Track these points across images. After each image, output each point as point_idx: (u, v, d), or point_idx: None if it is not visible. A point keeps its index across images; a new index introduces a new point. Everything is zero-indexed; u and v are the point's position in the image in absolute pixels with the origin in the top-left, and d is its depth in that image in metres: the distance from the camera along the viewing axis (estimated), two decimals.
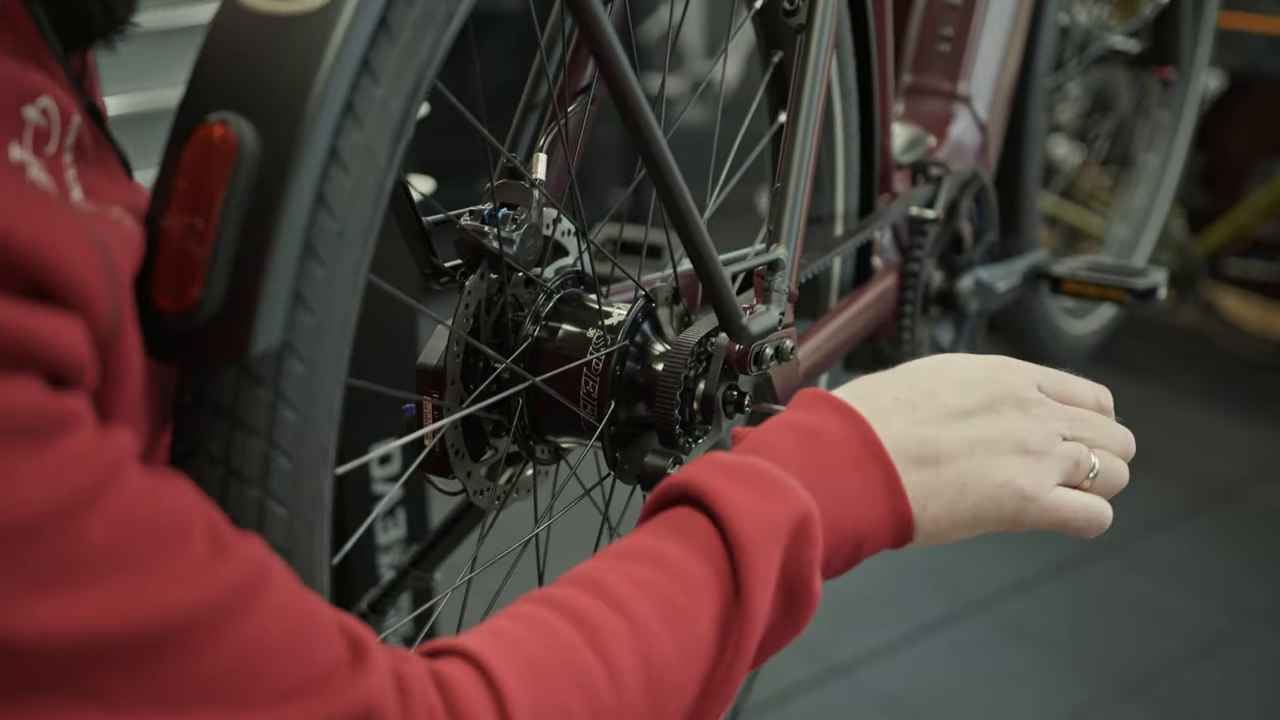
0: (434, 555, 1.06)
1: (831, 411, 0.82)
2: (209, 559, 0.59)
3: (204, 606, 0.57)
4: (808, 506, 0.76)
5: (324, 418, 0.67)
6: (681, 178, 0.85)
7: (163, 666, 0.56)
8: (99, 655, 0.55)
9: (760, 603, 0.74)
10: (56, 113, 0.64)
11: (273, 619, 0.60)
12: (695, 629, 0.72)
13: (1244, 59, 3.20)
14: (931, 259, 1.27)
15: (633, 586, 0.72)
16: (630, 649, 0.70)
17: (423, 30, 0.68)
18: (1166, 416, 3.38)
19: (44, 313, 0.55)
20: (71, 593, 0.54)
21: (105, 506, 0.56)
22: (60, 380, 0.56)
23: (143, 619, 0.55)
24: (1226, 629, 2.74)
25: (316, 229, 0.64)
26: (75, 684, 0.54)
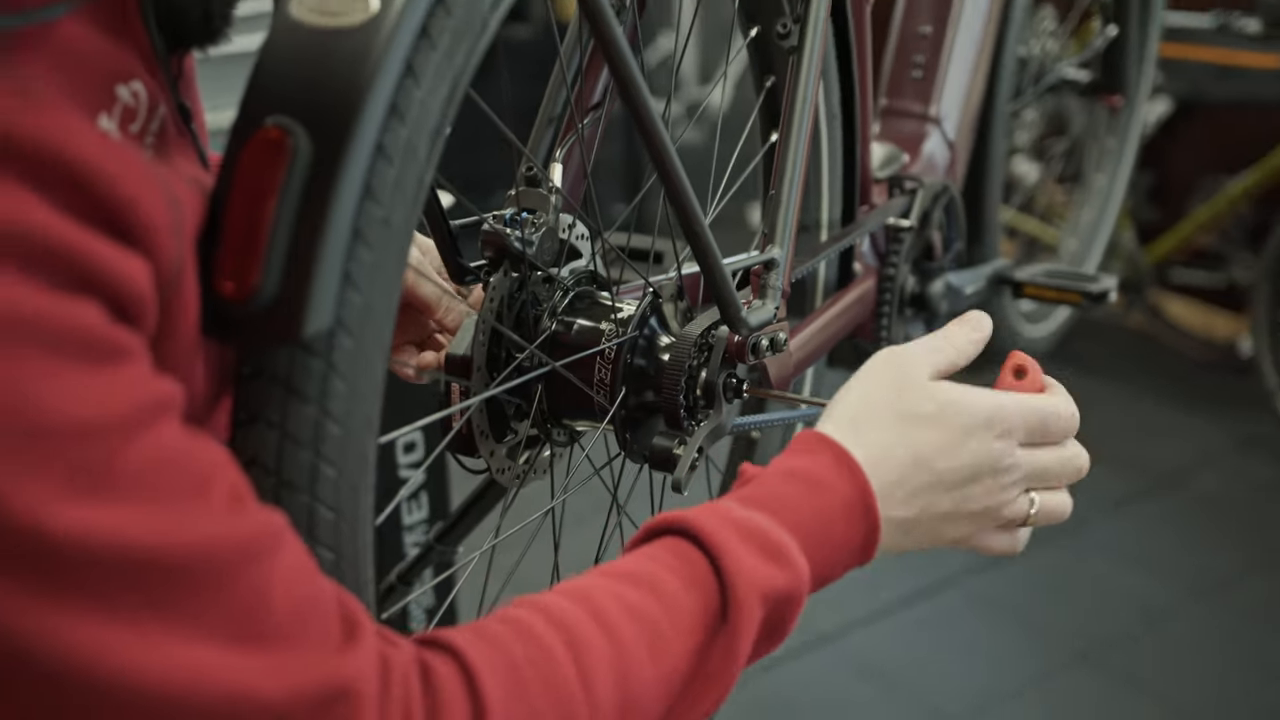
0: (457, 531, 1.06)
1: (832, 461, 0.80)
2: (227, 511, 0.59)
3: (214, 550, 0.58)
4: (802, 577, 0.76)
5: (370, 388, 0.68)
6: (689, 184, 0.85)
7: (171, 592, 0.56)
8: (117, 567, 0.55)
9: (742, 647, 0.73)
10: (145, 98, 0.65)
11: (277, 580, 0.60)
12: (674, 659, 0.71)
13: (1188, 85, 3.21)
14: (906, 264, 1.28)
15: (624, 610, 0.71)
16: (609, 669, 0.69)
17: (459, 38, 0.68)
18: (1116, 410, 3.39)
19: (114, 246, 0.56)
20: (100, 505, 0.54)
21: (142, 439, 0.56)
22: (122, 314, 0.57)
23: (160, 545, 0.56)
24: (1171, 602, 2.74)
25: (364, 216, 0.64)
26: (93, 590, 0.54)
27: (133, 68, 0.65)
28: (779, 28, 1.07)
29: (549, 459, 1.00)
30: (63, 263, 0.54)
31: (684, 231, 0.87)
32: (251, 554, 0.59)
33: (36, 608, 0.54)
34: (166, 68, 0.69)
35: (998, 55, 1.46)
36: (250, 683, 0.58)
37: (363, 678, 0.61)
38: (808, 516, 0.78)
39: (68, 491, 0.53)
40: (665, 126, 0.83)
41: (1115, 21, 1.67)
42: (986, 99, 1.46)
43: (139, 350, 0.58)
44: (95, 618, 0.55)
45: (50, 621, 0.54)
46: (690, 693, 0.72)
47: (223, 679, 0.57)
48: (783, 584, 0.75)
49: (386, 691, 0.62)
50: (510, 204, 0.94)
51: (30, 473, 0.52)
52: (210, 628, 0.57)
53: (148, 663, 0.56)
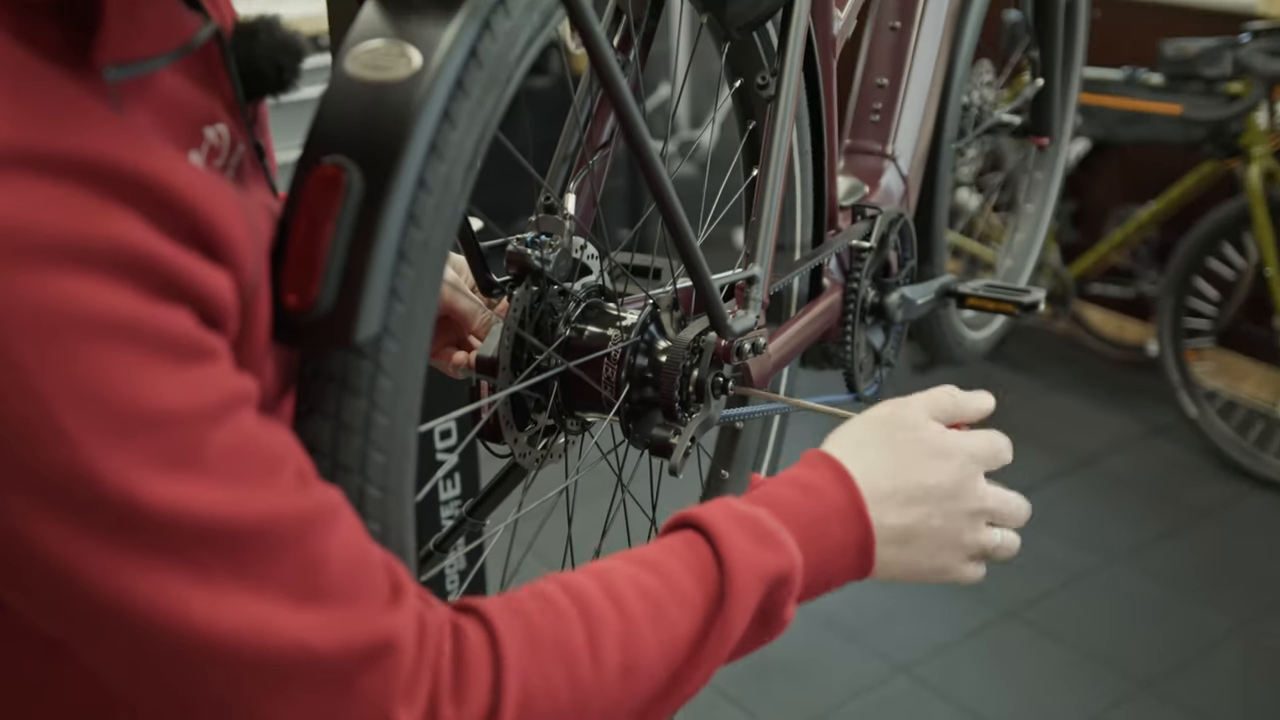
0: (485, 506, 1.06)
1: (832, 476, 0.80)
2: (295, 488, 0.59)
3: (283, 521, 0.58)
4: (794, 561, 0.75)
5: (412, 384, 0.67)
6: (683, 212, 0.85)
7: (244, 556, 0.56)
8: (202, 534, 0.55)
9: (736, 626, 0.73)
10: (227, 138, 0.65)
11: (335, 546, 0.60)
12: (675, 634, 0.71)
13: (1103, 128, 3.21)
14: (867, 279, 1.28)
15: (634, 589, 0.70)
16: (617, 640, 0.68)
17: (488, 88, 0.68)
18: (1044, 402, 3.39)
19: (203, 262, 0.56)
20: (190, 482, 0.54)
21: (224, 426, 0.56)
22: (209, 320, 0.57)
23: (236, 516, 0.56)
24: (1088, 566, 2.75)
25: (408, 240, 0.64)
26: (181, 553, 0.55)
27: (218, 112, 0.66)
28: (759, 80, 1.07)
29: (563, 445, 1.00)
30: (161, 277, 0.54)
31: (679, 251, 0.87)
32: (312, 525, 0.59)
33: (130, 567, 0.54)
34: (245, 113, 0.69)
35: (944, 102, 1.46)
36: (306, 637, 0.58)
37: (403, 634, 0.61)
38: (802, 514, 0.78)
39: (160, 469, 0.53)
40: (662, 163, 0.82)
41: (1042, 75, 1.67)
42: (934, 139, 1.46)
43: (223, 351, 0.58)
44: (180, 576, 0.55)
45: (141, 579, 0.54)
46: (689, 663, 0.72)
47: (284, 632, 0.57)
48: (774, 566, 0.74)
49: (422, 647, 0.62)
50: (531, 228, 0.94)
51: (128, 452, 0.52)
52: (276, 587, 0.57)
53: (222, 616, 0.56)
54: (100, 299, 0.51)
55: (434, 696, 0.62)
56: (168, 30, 0.61)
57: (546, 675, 0.66)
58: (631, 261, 1.05)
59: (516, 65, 0.71)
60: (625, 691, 0.69)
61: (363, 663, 0.59)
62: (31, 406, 0.50)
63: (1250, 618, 2.60)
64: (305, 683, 0.58)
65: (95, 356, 0.51)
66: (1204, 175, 3.17)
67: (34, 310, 0.50)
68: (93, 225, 0.52)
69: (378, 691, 0.60)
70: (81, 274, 0.51)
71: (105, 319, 0.52)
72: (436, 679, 0.62)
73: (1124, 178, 3.51)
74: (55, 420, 0.51)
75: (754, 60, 1.07)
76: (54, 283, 0.50)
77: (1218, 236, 3.07)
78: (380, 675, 0.60)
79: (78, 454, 0.51)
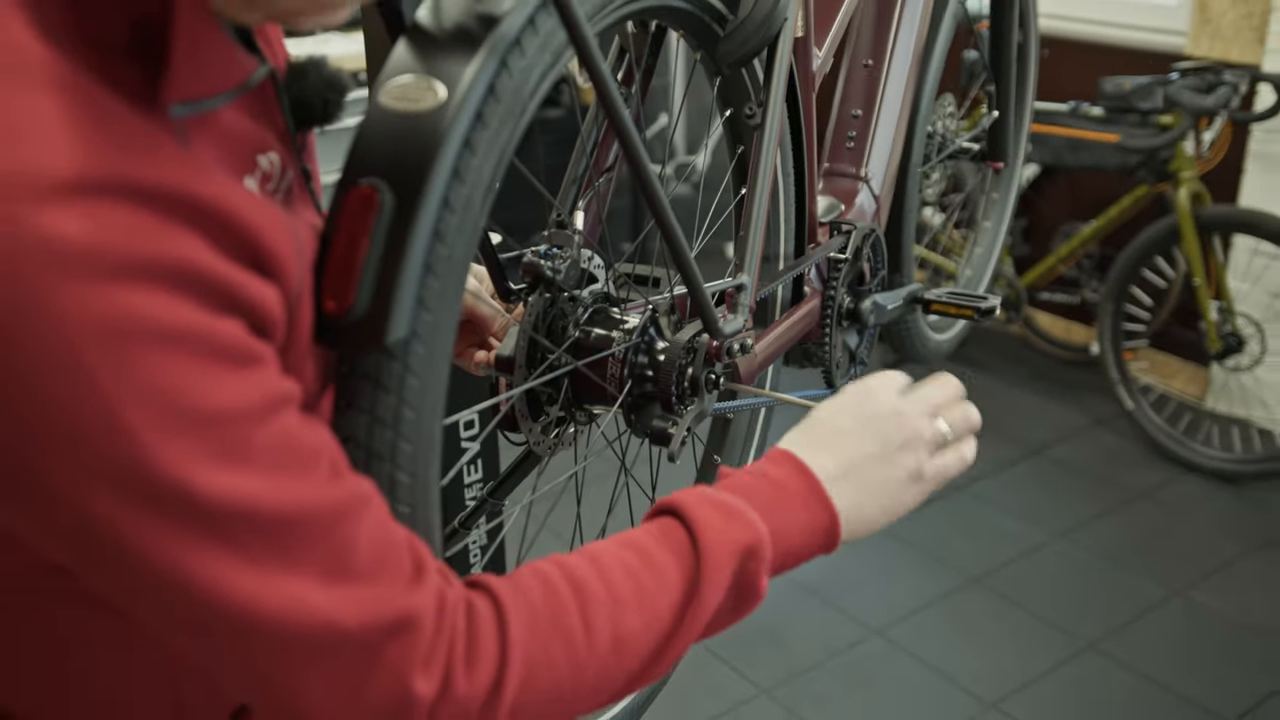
0: (504, 488, 1.06)
1: (793, 469, 0.80)
2: (329, 480, 0.59)
3: (318, 509, 0.58)
4: (760, 534, 0.74)
5: (438, 382, 0.67)
6: (679, 227, 0.84)
7: (285, 540, 0.56)
8: (247, 519, 0.55)
9: (712, 596, 0.72)
10: (278, 165, 0.65)
11: (364, 532, 0.60)
12: (658, 607, 0.70)
13: (1051, 154, 3.21)
14: (843, 287, 1.27)
15: (621, 569, 0.70)
16: (606, 615, 0.68)
17: (505, 119, 0.68)
18: (999, 397, 3.39)
19: (254, 277, 0.56)
20: (238, 473, 0.54)
21: (269, 425, 0.56)
22: (258, 329, 0.57)
23: (277, 503, 0.56)
24: (1039, 540, 2.75)
25: (434, 254, 0.64)
26: (228, 536, 0.54)
27: (270, 142, 0.65)
28: (747, 110, 1.06)
29: (573, 434, 0.99)
30: (218, 292, 0.54)
31: (675, 262, 0.86)
32: (344, 513, 0.59)
33: (183, 546, 0.54)
34: (294, 142, 0.69)
35: (911, 131, 1.46)
36: (336, 613, 0.58)
37: (424, 610, 0.61)
38: (768, 501, 0.77)
39: (212, 461, 0.53)
40: (660, 183, 0.82)
41: (997, 107, 1.67)
42: (903, 163, 1.45)
43: (269, 357, 0.57)
44: (226, 556, 0.55)
45: (192, 557, 0.54)
46: (672, 633, 0.71)
47: (317, 609, 0.57)
48: (742, 538, 0.74)
49: (440, 622, 0.62)
50: (544, 242, 0.93)
51: (184, 446, 0.52)
52: (310, 568, 0.57)
53: (262, 593, 0.56)
54: (164, 311, 0.51)
55: (449, 666, 0.61)
56: (227, 71, 0.61)
57: (547, 648, 0.65)
58: (633, 271, 1.04)
59: (530, 98, 0.70)
60: (616, 661, 0.68)
61: (386, 637, 0.59)
62: (100, 404, 0.50)
63: (1180, 586, 2.60)
64: (333, 654, 0.58)
65: (157, 361, 0.51)
66: (1139, 196, 3.17)
67: (105, 320, 0.50)
68: (160, 246, 0.52)
69: (399, 662, 0.59)
70: (148, 289, 0.51)
71: (167, 328, 0.52)
72: (451, 651, 0.62)
73: (1069, 198, 3.50)
74: (121, 416, 0.51)
75: (742, 93, 1.06)
76: (124, 296, 0.50)
77: (1151, 250, 3.06)
78: (401, 648, 0.60)
79: (139, 447, 0.51)
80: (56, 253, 0.49)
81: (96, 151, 0.51)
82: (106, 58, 0.54)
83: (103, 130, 0.52)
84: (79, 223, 0.49)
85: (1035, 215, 3.57)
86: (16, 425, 0.50)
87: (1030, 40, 1.76)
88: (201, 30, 0.57)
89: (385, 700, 0.59)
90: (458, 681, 0.61)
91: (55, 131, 0.50)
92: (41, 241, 0.48)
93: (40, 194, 0.49)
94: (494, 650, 0.63)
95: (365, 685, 0.59)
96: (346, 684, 0.59)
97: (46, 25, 0.52)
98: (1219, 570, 2.65)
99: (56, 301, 0.49)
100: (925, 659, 2.36)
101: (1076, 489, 2.95)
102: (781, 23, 0.96)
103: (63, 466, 0.51)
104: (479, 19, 0.67)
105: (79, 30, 0.54)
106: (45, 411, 0.50)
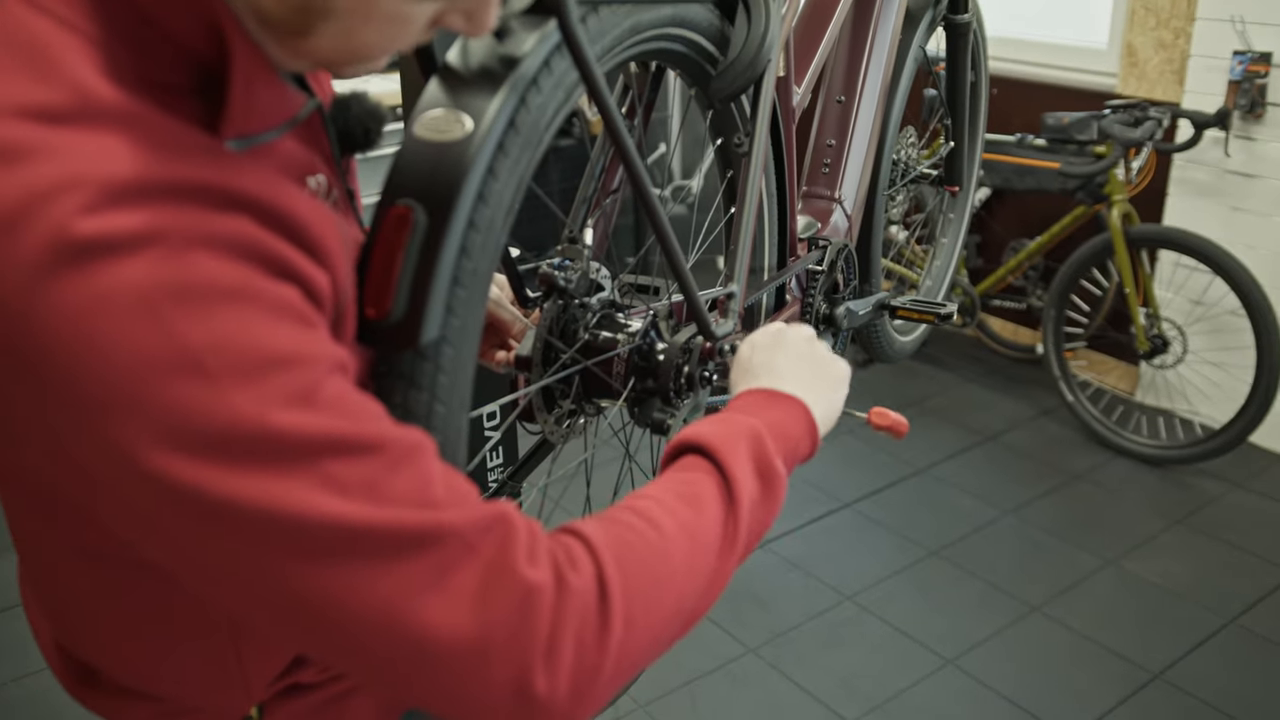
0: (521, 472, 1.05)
1: (753, 392, 0.80)
2: (396, 425, 0.56)
3: (393, 442, 0.54)
4: (754, 423, 0.74)
5: (464, 380, 0.66)
6: (676, 242, 0.84)
7: (370, 468, 0.53)
8: (328, 449, 0.51)
9: (742, 480, 0.69)
10: (326, 185, 0.65)
11: (436, 468, 0.56)
12: (710, 515, 0.67)
13: (1000, 179, 3.20)
14: (820, 295, 1.26)
15: (675, 498, 0.66)
16: (677, 530, 0.64)
17: (524, 148, 0.67)
18: (956, 391, 3.38)
19: (308, 259, 0.55)
20: (307, 412, 0.51)
21: (333, 379, 0.54)
22: (313, 300, 0.55)
23: (355, 434, 0.53)
24: (991, 517, 2.74)
25: (461, 267, 0.63)
26: (312, 468, 0.51)
27: (318, 165, 0.65)
28: (735, 140, 1.05)
29: (583, 425, 0.99)
30: (278, 263, 0.53)
31: (673, 273, 0.86)
32: (417, 449, 0.56)
33: (271, 483, 0.50)
34: (339, 165, 0.68)
35: (879, 158, 1.45)
36: (435, 518, 0.54)
37: (512, 514, 0.57)
38: (755, 407, 0.78)
39: (284, 402, 0.51)
40: (660, 204, 0.81)
41: (953, 138, 1.67)
42: (871, 187, 1.45)
43: (324, 326, 0.56)
44: (314, 486, 0.51)
45: (281, 489, 0.50)
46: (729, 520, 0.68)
47: (410, 518, 0.53)
48: (742, 430, 0.73)
49: (530, 528, 0.58)
50: (557, 255, 0.92)
51: (259, 389, 0.50)
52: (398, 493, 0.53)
53: (359, 513, 0.52)
54: (227, 271, 0.51)
55: (555, 563, 0.57)
56: (279, 109, 0.60)
57: (626, 544, 0.61)
58: (636, 281, 1.04)
59: (546, 130, 0.70)
60: (692, 548, 0.64)
61: (484, 531, 0.55)
62: (176, 352, 0.49)
63: (1113, 556, 2.59)
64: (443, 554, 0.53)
65: (225, 313, 0.50)
66: (1077, 216, 3.16)
67: (175, 282, 0.49)
68: (215, 223, 0.51)
69: (508, 555, 0.55)
70: (210, 255, 0.50)
71: (232, 286, 0.50)
72: (550, 552, 0.57)
73: (1016, 217, 3.50)
74: (198, 362, 0.49)
75: (731, 125, 1.06)
76: (189, 260, 0.49)
77: (1088, 263, 3.06)
78: (500, 541, 0.55)
79: (217, 390, 0.49)
80: (125, 233, 0.48)
81: (158, 162, 0.51)
82: (170, 97, 0.54)
83: (163, 150, 0.51)
84: (142, 213, 0.49)
85: (987, 232, 3.57)
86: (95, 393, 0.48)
87: (981, 80, 1.76)
88: (256, 74, 0.57)
89: (505, 593, 0.54)
90: (568, 576, 0.56)
91: (122, 150, 0.50)
92: (110, 228, 0.48)
93: (109, 191, 0.49)
94: (583, 552, 0.59)
95: (479, 581, 0.54)
96: (460, 584, 0.53)
97: (115, 69, 0.52)
98: (1146, 542, 2.64)
99: (127, 273, 0.48)
100: (892, 621, 2.36)
101: (1024, 471, 2.95)
102: (766, 64, 0.96)
103: (143, 426, 0.49)
104: (501, 60, 0.66)
105: (145, 74, 0.53)
106: (128, 369, 0.48)
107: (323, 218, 0.57)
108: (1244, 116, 2.89)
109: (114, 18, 0.53)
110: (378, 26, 0.56)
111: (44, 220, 0.48)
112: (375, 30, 0.56)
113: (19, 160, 0.49)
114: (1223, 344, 3.04)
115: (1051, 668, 2.22)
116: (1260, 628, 2.34)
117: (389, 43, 0.58)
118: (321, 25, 0.55)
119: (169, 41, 0.54)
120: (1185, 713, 2.10)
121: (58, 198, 0.48)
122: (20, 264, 0.48)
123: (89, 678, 0.72)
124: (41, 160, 0.49)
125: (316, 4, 0.54)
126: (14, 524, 0.66)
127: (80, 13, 0.53)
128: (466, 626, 0.53)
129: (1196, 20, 2.96)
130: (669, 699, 2.11)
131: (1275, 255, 2.92)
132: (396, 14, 0.56)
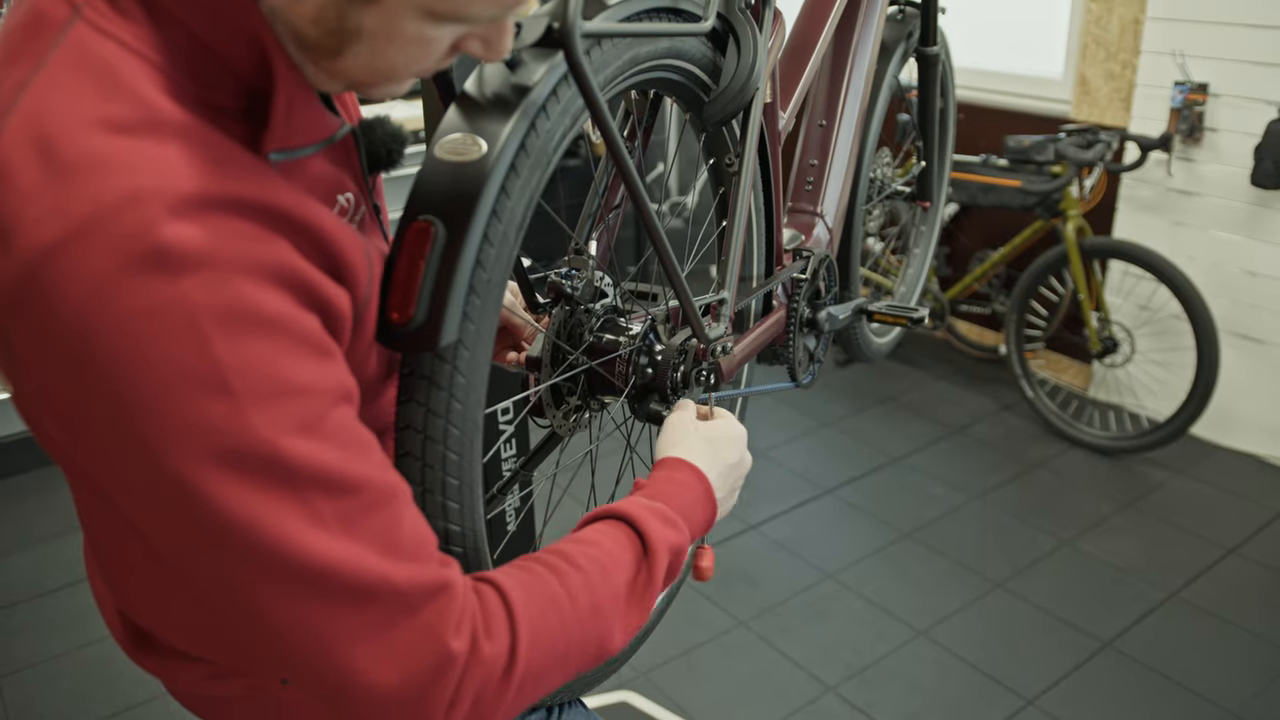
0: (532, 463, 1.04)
1: (690, 474, 0.79)
2: (382, 466, 0.56)
3: (376, 485, 0.55)
4: (686, 537, 0.74)
5: (479, 379, 0.66)
6: (672, 253, 0.83)
7: (347, 506, 0.53)
8: (322, 484, 0.52)
9: (658, 579, 0.70)
10: (354, 201, 0.64)
11: (408, 517, 0.57)
12: (616, 585, 0.67)
13: (967, 195, 3.19)
14: (803, 301, 1.26)
15: (587, 558, 0.67)
16: (583, 588, 0.65)
17: (534, 169, 0.66)
18: (927, 388, 3.37)
19: (332, 282, 0.55)
20: (315, 442, 0.52)
21: (339, 410, 0.54)
22: (331, 328, 0.55)
23: (346, 473, 0.53)
24: (958, 502, 2.73)
25: (476, 277, 0.62)
26: (303, 497, 0.52)
27: (347, 183, 0.64)
28: (726, 159, 1.05)
29: (588, 419, 0.98)
30: (305, 290, 0.53)
31: (669, 281, 0.85)
32: (394, 494, 0.57)
33: (265, 501, 0.51)
34: (366, 183, 0.68)
35: (857, 177, 1.45)
36: (387, 571, 0.55)
37: (456, 583, 0.58)
38: (685, 502, 0.76)
39: (295, 429, 0.51)
40: (657, 219, 0.81)
41: (924, 159, 1.66)
42: (850, 202, 1.44)
43: (339, 355, 0.56)
44: (297, 514, 0.52)
45: (271, 510, 0.51)
46: (629, 607, 0.69)
47: (371, 566, 0.54)
48: (676, 540, 0.73)
49: (466, 597, 0.59)
50: (565, 266, 0.92)
51: (274, 413, 0.50)
52: (367, 536, 0.54)
53: (329, 548, 0.53)
54: (266, 300, 0.50)
55: (475, 632, 0.59)
56: (316, 128, 0.60)
57: (544, 615, 0.63)
58: (636, 289, 1.03)
59: (554, 152, 0.69)
60: (594, 623, 0.66)
61: (427, 598, 0.56)
62: (210, 369, 0.49)
63: (1068, 537, 2.58)
64: (382, 608, 0.55)
65: (259, 340, 0.50)
66: (1036, 230, 3.16)
67: (223, 303, 0.49)
68: (264, 249, 0.51)
69: (438, 622, 0.57)
70: (255, 282, 0.50)
71: (268, 315, 0.50)
72: (475, 620, 0.59)
73: (982, 230, 3.49)
74: (227, 382, 0.49)
75: (723, 146, 1.05)
76: (236, 286, 0.49)
77: (1046, 272, 3.05)
78: (439, 610, 0.57)
79: (239, 408, 0.49)
80: (185, 250, 0.48)
81: (215, 177, 0.51)
82: (222, 118, 0.54)
83: (219, 165, 0.51)
84: (201, 229, 0.49)
85: (955, 244, 3.56)
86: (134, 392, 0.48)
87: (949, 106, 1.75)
88: (297, 93, 0.57)
89: (427, 657, 0.56)
90: (483, 645, 0.59)
91: (184, 164, 0.50)
92: (172, 241, 0.48)
93: (172, 204, 0.48)
94: (504, 621, 0.61)
95: (409, 643, 0.56)
96: (393, 641, 0.55)
97: (177, 91, 0.52)
98: (1098, 524, 2.63)
99: (182, 289, 0.48)
100: (869, 597, 2.35)
101: (988, 461, 2.94)
102: (754, 92, 0.95)
103: (168, 428, 0.49)
104: (513, 89, 0.66)
105: (201, 96, 0.54)
106: (167, 375, 0.48)
107: (346, 235, 0.57)
108: (1184, 140, 2.89)
109: (174, 45, 0.53)
110: (402, 48, 0.56)
111: (124, 223, 0.47)
112: (400, 51, 0.56)
113: (96, 168, 0.48)
114: (1166, 345, 3.04)
115: (1013, 637, 2.22)
116: (1200, 600, 2.33)
117: (413, 64, 0.58)
118: (352, 47, 0.55)
119: (222, 66, 0.55)
120: (1133, 677, 2.10)
121: (137, 204, 0.48)
122: (97, 263, 0.47)
123: (145, 642, 0.72)
124: (117, 169, 0.48)
125: (348, 27, 0.54)
126: (77, 501, 0.66)
127: (144, 40, 0.53)
128: (388, 679, 0.55)
129: (1141, 53, 2.96)
130: (667, 667, 2.11)
131: (1213, 265, 2.92)
132: (419, 36, 0.56)
